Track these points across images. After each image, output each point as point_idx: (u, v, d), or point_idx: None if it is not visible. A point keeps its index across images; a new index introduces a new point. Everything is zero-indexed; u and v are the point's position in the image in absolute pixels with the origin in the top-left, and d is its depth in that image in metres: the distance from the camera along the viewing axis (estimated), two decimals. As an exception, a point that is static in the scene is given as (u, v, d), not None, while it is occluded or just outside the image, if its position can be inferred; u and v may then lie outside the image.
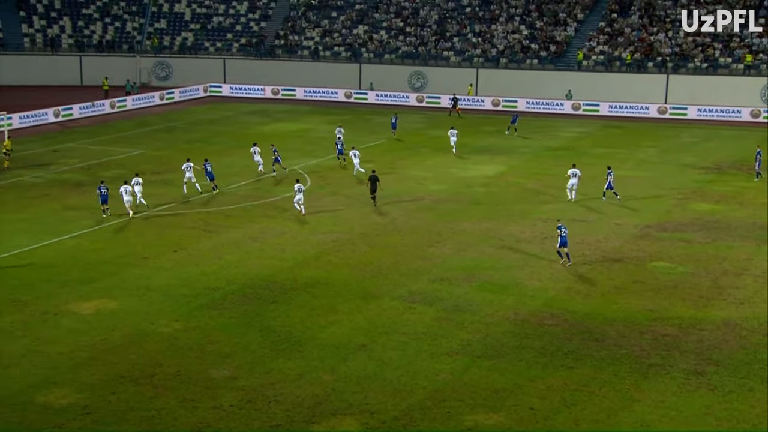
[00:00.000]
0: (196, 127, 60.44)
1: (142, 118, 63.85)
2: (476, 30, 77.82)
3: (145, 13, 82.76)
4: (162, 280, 29.57)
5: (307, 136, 58.31)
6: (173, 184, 43.08)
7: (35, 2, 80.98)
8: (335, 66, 77.67)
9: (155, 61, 79.30)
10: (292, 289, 28.96)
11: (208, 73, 77.25)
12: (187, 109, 68.93)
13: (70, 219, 36.75)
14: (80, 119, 62.54)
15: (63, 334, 24.82)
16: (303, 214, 37.61)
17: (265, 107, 69.92)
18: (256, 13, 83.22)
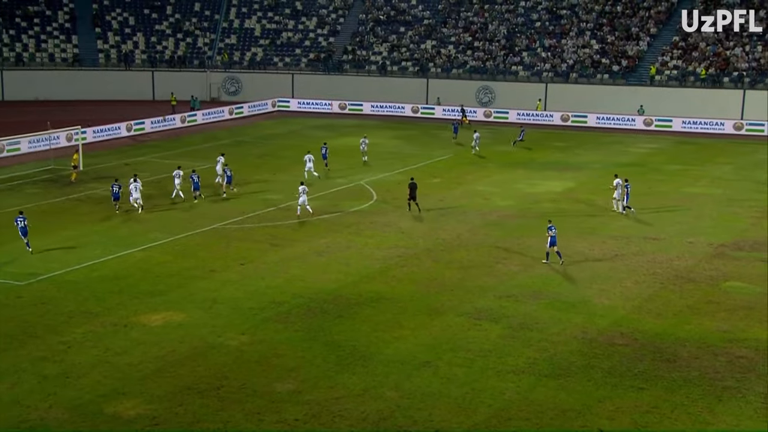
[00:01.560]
0: (264, 141, 61.25)
1: (211, 132, 65.00)
2: (546, 44, 77.29)
3: (216, 29, 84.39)
4: (229, 293, 29.97)
5: (373, 150, 58.52)
6: (240, 198, 43.72)
7: (111, 19, 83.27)
8: (402, 81, 77.96)
9: (225, 76, 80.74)
10: (357, 303, 29.05)
11: (276, 88, 78.32)
12: (256, 124, 69.91)
13: (140, 231, 37.55)
14: (151, 133, 63.97)
15: (132, 346, 25.33)
16: (310, 213, 39.02)
17: (332, 122, 70.52)
18: (325, 29, 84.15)
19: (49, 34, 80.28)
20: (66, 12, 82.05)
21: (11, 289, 29.84)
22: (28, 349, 24.90)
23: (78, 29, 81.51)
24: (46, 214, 40.10)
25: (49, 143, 53.17)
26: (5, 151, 52.30)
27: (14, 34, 79.03)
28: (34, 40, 79.31)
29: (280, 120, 72.06)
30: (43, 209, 40.91)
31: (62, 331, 26.17)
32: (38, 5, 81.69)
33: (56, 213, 40.44)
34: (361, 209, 42.18)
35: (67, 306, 28.31)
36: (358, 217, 40.54)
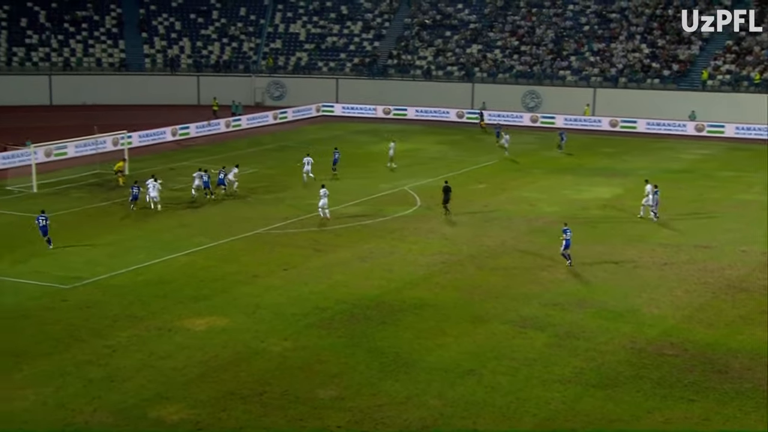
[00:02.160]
0: (308, 146, 61.54)
1: (255, 137, 65.52)
2: (594, 48, 76.64)
3: (262, 34, 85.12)
4: (272, 298, 30.15)
5: (417, 155, 58.53)
6: (284, 202, 44.02)
7: (157, 24, 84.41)
8: (447, 85, 77.84)
9: (270, 80, 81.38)
10: (400, 310, 29.03)
11: (320, 93, 78.71)
12: (300, 129, 70.33)
13: (185, 236, 37.96)
14: (196, 138, 64.67)
15: (176, 350, 25.59)
16: (328, 219, 39.38)
17: (376, 127, 70.64)
18: (370, 33, 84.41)
19: (96, 39, 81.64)
20: (113, 17, 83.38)
21: (57, 293, 30.36)
22: (73, 352, 25.29)
23: (125, 34, 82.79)
24: (92, 218, 40.74)
25: (96, 148, 54.03)
26: (53, 155, 53.27)
27: (63, 39, 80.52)
28: (82, 45, 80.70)
29: (324, 125, 72.41)
30: (89, 213, 41.57)
31: (107, 335, 26.55)
32: (86, 10, 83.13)
33: (101, 217, 41.07)
34: (405, 215, 42.16)
35: (112, 310, 28.71)
36: (402, 223, 40.53)
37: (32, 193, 45.46)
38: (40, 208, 41.28)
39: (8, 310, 28.58)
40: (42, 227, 35.39)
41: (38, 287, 30.85)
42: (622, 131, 68.45)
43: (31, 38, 79.56)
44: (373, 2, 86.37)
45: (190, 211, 42.26)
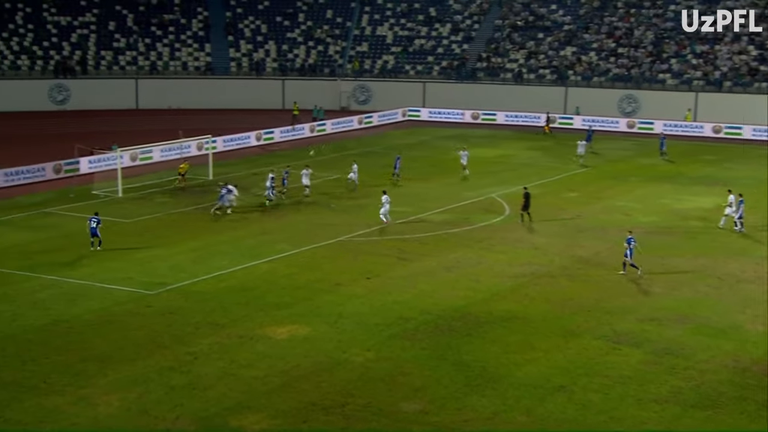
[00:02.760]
0: (393, 152, 61.73)
1: (340, 142, 66.11)
2: (697, 51, 74.89)
3: (348, 37, 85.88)
4: (354, 307, 30.35)
5: (507, 162, 58.17)
6: (367, 209, 44.28)
7: (243, 27, 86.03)
8: (539, 89, 77.11)
9: (355, 84, 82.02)
10: (487, 322, 28.87)
11: (407, 97, 78.92)
12: (385, 134, 70.68)
13: (267, 243, 38.54)
14: (280, 142, 65.64)
15: (257, 359, 25.98)
16: (386, 223, 40.25)
17: (464, 132, 70.46)
18: (459, 35, 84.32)
19: (183, 43, 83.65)
20: (200, 20, 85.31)
21: (141, 298, 31.20)
22: (156, 358, 25.94)
23: (211, 37, 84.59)
24: (176, 224, 41.74)
25: (181, 152, 55.33)
26: (138, 160, 54.73)
27: (149, 43, 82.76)
28: (169, 49, 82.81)
29: (410, 130, 72.60)
30: (173, 218, 42.60)
31: (189, 342, 27.15)
32: (173, 14, 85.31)
33: (185, 222, 42.04)
34: (493, 223, 41.94)
35: (194, 316, 29.35)
36: (489, 232, 40.32)
37: (117, 197, 46.83)
38: (124, 213, 42.46)
39: (94, 314, 29.49)
40: (92, 228, 36.51)
41: (124, 292, 31.76)
42: (725, 138, 66.67)
43: (118, 42, 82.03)
44: (462, 3, 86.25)
45: (273, 217, 42.89)
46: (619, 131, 69.85)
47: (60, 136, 63.50)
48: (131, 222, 41.72)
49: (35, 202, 45.84)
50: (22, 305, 30.27)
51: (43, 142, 62.50)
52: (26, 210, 44.13)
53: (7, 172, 49.97)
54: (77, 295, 31.41)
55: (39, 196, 47.50)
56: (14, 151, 58.06)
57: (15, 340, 27.17)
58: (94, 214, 37.57)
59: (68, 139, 56.96)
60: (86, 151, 53.17)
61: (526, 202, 41.29)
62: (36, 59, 78.45)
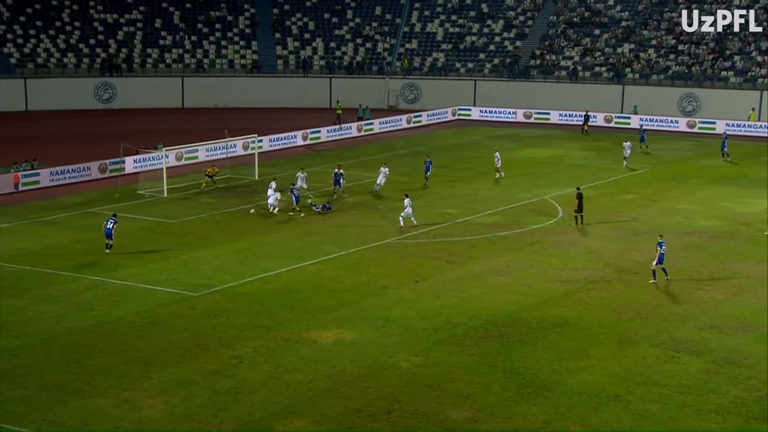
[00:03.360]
0: (442, 152, 61.72)
1: (387, 141, 66.22)
2: (762, 47, 73.58)
3: (397, 34, 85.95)
4: (402, 311, 30.38)
5: (560, 163, 57.78)
6: (415, 211, 44.14)
7: (291, 24, 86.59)
8: (595, 88, 76.44)
9: (404, 83, 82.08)
10: (539, 328, 28.72)
11: (457, 96, 78.79)
12: (434, 133, 70.62)
13: (313, 244, 38.74)
14: (327, 142, 65.95)
15: (303, 363, 26.13)
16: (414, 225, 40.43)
17: (516, 131, 70.16)
18: (512, 32, 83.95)
19: (229, 40, 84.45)
20: (247, 17, 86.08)
21: (186, 300, 31.57)
22: (200, 361, 26.23)
23: (258, 35, 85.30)
24: (221, 224, 42.16)
25: (226, 151, 55.85)
26: (183, 159, 55.39)
27: (196, 41, 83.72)
28: (215, 46, 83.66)
29: (460, 129, 72.45)
30: (218, 219, 43.02)
31: (234, 345, 27.40)
32: (220, 10, 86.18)
33: (230, 223, 42.43)
34: (545, 226, 41.70)
35: (239, 319, 29.62)
36: (542, 235, 40.09)
37: (162, 197, 47.42)
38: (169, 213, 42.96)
39: (138, 316, 29.90)
40: (107, 229, 36.76)
41: (168, 294, 32.17)
42: (791, 138, 65.48)
43: (164, 39, 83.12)
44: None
45: (320, 218, 43.09)
46: (678, 131, 68.96)
47: (105, 135, 64.57)
48: (176, 223, 42.22)
49: (80, 202, 46.62)
50: (67, 306, 30.81)
51: (88, 141, 63.55)
52: (71, 210, 44.91)
53: (52, 171, 50.87)
54: (121, 296, 31.89)
55: (83, 195, 48.30)
56: (59, 150, 59.14)
57: (60, 342, 27.67)
58: (112, 215, 37.96)
59: (113, 138, 57.89)
60: (131, 150, 53.92)
61: (580, 203, 41.02)
62: (82, 57, 79.84)
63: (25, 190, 48.99)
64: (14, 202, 46.82)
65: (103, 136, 64.52)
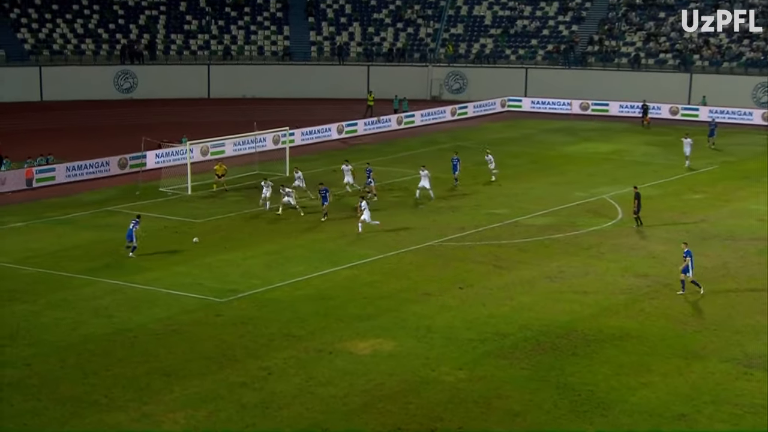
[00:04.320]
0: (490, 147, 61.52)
1: (430, 135, 66.20)
2: None
3: (441, 18, 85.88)
4: (445, 320, 30.35)
5: (620, 159, 57.39)
6: (460, 210, 44.22)
7: (325, 7, 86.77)
8: (659, 76, 75.92)
9: (448, 71, 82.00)
10: (596, 340, 28.58)
11: (506, 85, 78.55)
12: (481, 126, 70.46)
13: (347, 247, 38.83)
14: (364, 136, 66.04)
15: (337, 375, 26.20)
16: (358, 232, 39.84)
17: (571, 124, 69.76)
18: (567, 15, 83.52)
19: (259, 25, 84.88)
20: (278, 0, 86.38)
21: (211, 306, 31.80)
22: (226, 373, 26.39)
23: (290, 19, 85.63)
24: (249, 224, 42.41)
25: (255, 146, 56.16)
26: (209, 154, 55.77)
27: (223, 25, 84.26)
28: (244, 32, 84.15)
29: (509, 122, 72.22)
30: (246, 219, 43.28)
31: (262, 356, 27.55)
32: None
33: (259, 223, 42.67)
34: (603, 228, 41.47)
35: (268, 327, 29.77)
36: (599, 238, 39.88)
37: (186, 195, 47.79)
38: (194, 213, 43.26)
39: (160, 323, 30.17)
40: (129, 231, 37.04)
41: (192, 299, 32.43)
42: None
43: (190, 24, 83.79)
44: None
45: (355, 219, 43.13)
46: (752, 124, 68.14)
47: (125, 127, 65.29)
48: (201, 222, 42.55)
49: (98, 200, 47.16)
50: (84, 312, 31.18)
51: (107, 134, 64.31)
52: (89, 208, 45.43)
53: (69, 166, 51.52)
54: (142, 301, 32.20)
55: (102, 192, 48.86)
56: (76, 143, 59.90)
57: (76, 351, 27.99)
58: (136, 216, 38.22)
59: (134, 130, 58.45)
60: (153, 144, 54.39)
61: (638, 203, 40.75)
62: (101, 43, 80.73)
63: (40, 187, 49.68)
64: (28, 199, 47.49)
65: (123, 128, 65.26)
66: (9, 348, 28.12)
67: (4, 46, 77.07)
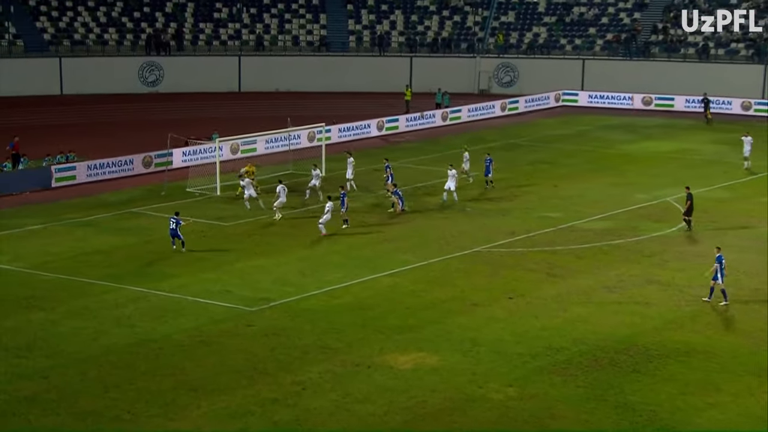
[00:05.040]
0: (543, 145, 61.31)
1: (477, 132, 66.03)
2: None
3: (491, 5, 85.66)
4: (493, 333, 30.29)
5: (685, 158, 56.95)
6: (510, 214, 44.08)
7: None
8: (731, 68, 75.28)
9: (498, 62, 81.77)
10: (659, 356, 28.41)
11: (562, 78, 78.17)
12: (533, 122, 70.23)
13: (388, 252, 38.86)
14: (406, 133, 66.03)
15: (376, 392, 26.22)
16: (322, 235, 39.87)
17: (632, 120, 69.32)
18: (629, 2, 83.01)
19: (294, 13, 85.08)
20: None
21: (241, 316, 31.96)
22: (257, 388, 26.51)
23: (327, 7, 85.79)
24: (282, 228, 42.53)
25: (289, 143, 56.36)
26: (239, 152, 56.02)
27: (255, 14, 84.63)
28: (277, 21, 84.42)
29: (564, 117, 71.94)
30: (280, 222, 43.38)
31: (296, 370, 27.64)
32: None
33: (293, 227, 42.78)
34: (667, 234, 41.22)
35: (302, 339, 29.87)
36: (662, 244, 39.65)
37: (215, 196, 48.04)
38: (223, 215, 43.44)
39: (186, 334, 30.37)
40: (171, 230, 38.10)
41: (221, 308, 32.61)
42: None
43: (220, 12, 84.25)
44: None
45: (396, 223, 43.19)
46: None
47: (151, 123, 65.86)
48: (230, 225, 42.76)
49: (121, 201, 47.57)
50: (105, 321, 31.47)
51: (131, 130, 64.85)
52: (111, 210, 45.83)
53: (90, 165, 51.97)
54: (167, 310, 32.44)
55: (125, 193, 49.27)
56: (98, 140, 60.46)
57: (97, 363, 28.25)
58: (174, 213, 38.91)
59: (160, 126, 58.96)
60: (180, 141, 54.78)
61: (691, 204, 40.49)
62: (125, 33, 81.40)
63: (59, 187, 50.18)
64: (47, 200, 47.99)
65: (148, 124, 65.80)
66: (25, 359, 28.44)
67: (23, 36, 78.05)
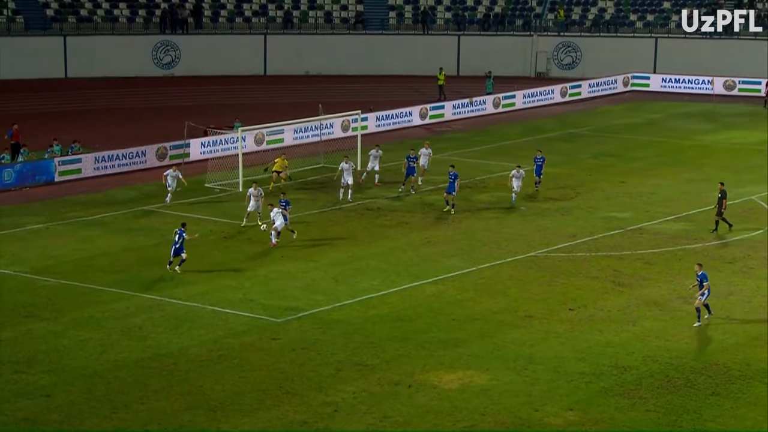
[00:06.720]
0: (608, 135, 61.01)
1: (533, 120, 65.85)
2: None
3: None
4: (551, 349, 30.19)
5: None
6: (571, 214, 43.91)
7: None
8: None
9: (557, 42, 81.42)
10: (742, 377, 28.25)
11: (631, 59, 77.72)
12: (598, 110, 69.92)
13: (432, 257, 38.82)
14: (452, 121, 65.90)
15: (417, 414, 26.16)
16: (271, 246, 39.47)
17: (712, 108, 68.75)
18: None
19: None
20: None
21: (266, 328, 32.05)
22: (284, 409, 26.54)
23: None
24: (312, 228, 42.57)
25: (320, 133, 56.35)
26: (265, 143, 56.15)
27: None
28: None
29: (633, 104, 71.60)
30: (308, 221, 43.47)
31: (327, 389, 27.65)
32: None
33: (324, 227, 42.85)
34: (752, 237, 41.02)
35: (334, 354, 29.89)
36: (747, 249, 39.44)
37: (237, 192, 48.13)
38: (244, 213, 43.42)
39: (204, 348, 30.45)
40: (175, 244, 36.44)
41: (243, 319, 32.71)
42: None
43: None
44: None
45: (440, 223, 43.14)
46: None
47: (165, 109, 66.19)
48: (253, 226, 42.85)
49: (132, 197, 47.79)
50: (113, 333, 31.63)
51: (143, 117, 65.18)
52: (121, 207, 46.07)
53: (98, 157, 52.15)
54: (183, 320, 32.58)
55: (137, 189, 49.48)
56: (107, 130, 60.71)
57: (104, 379, 28.38)
58: (181, 225, 37.30)
59: (176, 114, 59.21)
60: (199, 130, 54.95)
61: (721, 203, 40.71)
62: (137, 9, 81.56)
63: (64, 181, 50.41)
64: (50, 196, 48.26)
65: (162, 111, 66.13)
66: (25, 375, 28.59)
67: (23, 12, 78.38)
